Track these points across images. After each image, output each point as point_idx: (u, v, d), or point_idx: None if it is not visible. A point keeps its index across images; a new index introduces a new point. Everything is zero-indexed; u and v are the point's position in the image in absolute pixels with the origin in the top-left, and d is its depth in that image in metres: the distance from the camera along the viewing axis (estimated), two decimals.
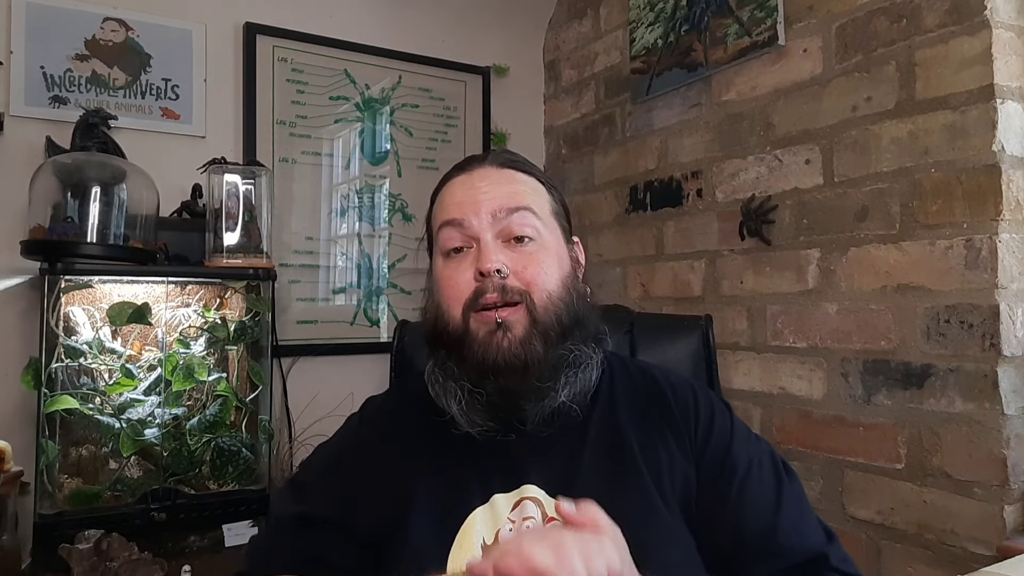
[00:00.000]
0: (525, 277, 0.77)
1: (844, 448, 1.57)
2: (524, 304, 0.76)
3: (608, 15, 2.33)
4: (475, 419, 0.77)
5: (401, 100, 2.32)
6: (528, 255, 0.78)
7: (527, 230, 0.79)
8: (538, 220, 0.80)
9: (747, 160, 1.82)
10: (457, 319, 0.77)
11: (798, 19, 1.69)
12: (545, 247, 0.80)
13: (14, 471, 1.56)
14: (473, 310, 0.76)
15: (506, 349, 0.74)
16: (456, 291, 0.78)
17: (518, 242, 0.79)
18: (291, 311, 2.12)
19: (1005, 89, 1.32)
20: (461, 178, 0.84)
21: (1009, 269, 1.31)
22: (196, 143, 2.01)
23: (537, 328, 0.76)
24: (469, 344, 0.76)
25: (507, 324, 0.75)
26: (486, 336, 0.75)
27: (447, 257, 0.80)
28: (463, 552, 0.73)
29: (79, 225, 1.59)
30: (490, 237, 0.78)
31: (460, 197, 0.81)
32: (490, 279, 0.76)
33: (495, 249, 0.77)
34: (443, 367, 0.80)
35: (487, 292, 0.76)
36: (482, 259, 0.76)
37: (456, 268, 0.79)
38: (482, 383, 0.75)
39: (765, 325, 1.76)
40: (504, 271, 0.76)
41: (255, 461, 1.73)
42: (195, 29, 2.03)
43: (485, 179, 0.82)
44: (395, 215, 2.30)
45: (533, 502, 0.75)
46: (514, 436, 0.77)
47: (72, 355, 1.58)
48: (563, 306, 0.78)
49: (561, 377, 0.77)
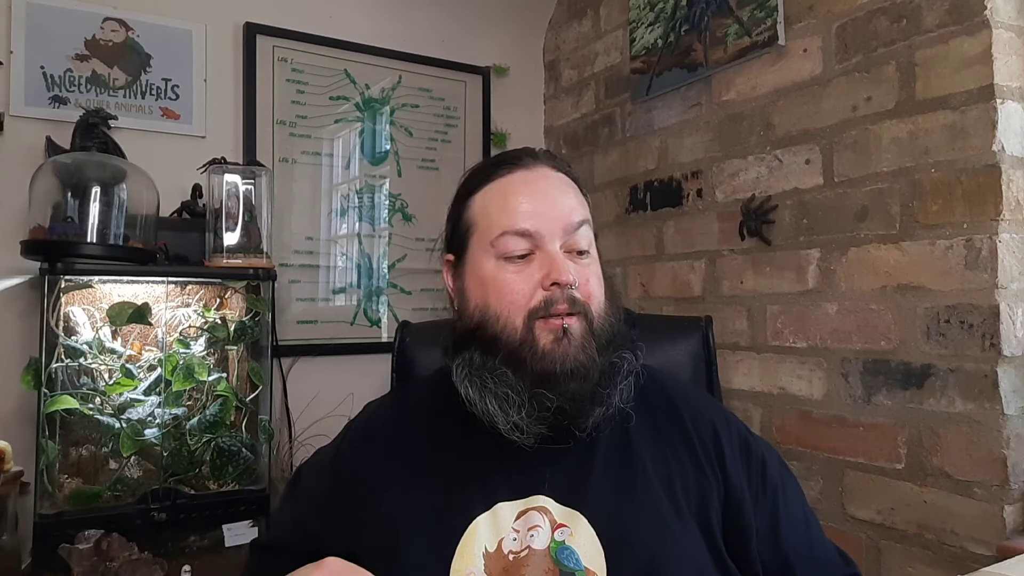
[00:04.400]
0: (587, 290, 0.78)
1: (844, 448, 1.57)
2: (584, 315, 0.77)
3: (608, 15, 2.33)
4: (531, 427, 0.75)
5: (401, 100, 2.32)
6: (587, 268, 0.80)
7: (585, 243, 0.80)
8: (591, 232, 0.82)
9: (747, 160, 1.82)
10: (517, 325, 0.76)
11: (798, 19, 1.69)
12: (596, 260, 0.82)
13: (14, 471, 1.56)
14: (538, 317, 0.76)
15: (572, 356, 0.75)
16: (519, 297, 0.77)
17: (579, 255, 0.80)
18: (291, 311, 2.12)
19: (1005, 89, 1.32)
20: (520, 175, 0.82)
21: (1009, 269, 1.32)
22: (196, 143, 2.01)
23: (594, 337, 0.77)
24: (532, 350, 0.75)
25: (571, 331, 0.76)
26: (551, 343, 0.75)
27: (506, 261, 0.79)
28: (465, 562, 0.72)
29: (79, 225, 1.59)
30: (558, 249, 0.78)
31: (527, 206, 0.79)
32: (562, 290, 0.76)
33: (566, 260, 0.78)
34: (493, 372, 0.77)
35: (557, 302, 0.76)
36: (558, 271, 0.76)
37: (517, 274, 0.78)
38: (551, 390, 0.75)
39: (765, 325, 1.76)
40: (576, 283, 0.77)
41: (255, 461, 1.73)
42: (195, 29, 2.03)
43: (548, 183, 0.81)
44: (395, 215, 2.30)
45: (540, 511, 0.74)
46: (571, 443, 0.77)
47: (72, 355, 1.58)
48: (612, 318, 0.80)
49: (619, 384, 0.77)
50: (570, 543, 0.72)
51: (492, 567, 0.72)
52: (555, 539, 0.73)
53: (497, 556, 0.72)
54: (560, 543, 0.72)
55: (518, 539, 0.73)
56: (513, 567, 0.72)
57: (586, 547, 0.72)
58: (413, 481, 0.79)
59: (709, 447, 0.81)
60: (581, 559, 0.71)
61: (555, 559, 0.72)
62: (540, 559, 0.72)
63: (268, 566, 0.84)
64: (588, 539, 0.72)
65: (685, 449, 0.80)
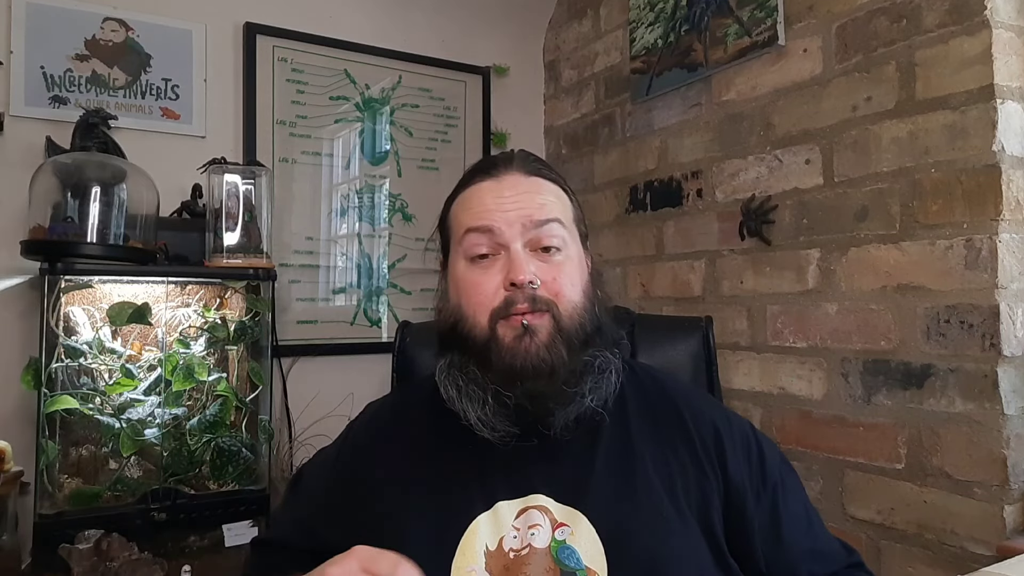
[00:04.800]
0: (553, 288, 0.77)
1: (844, 448, 1.57)
2: (550, 312, 0.76)
3: (608, 15, 2.33)
4: (498, 425, 0.76)
5: (401, 100, 2.32)
6: (556, 266, 0.79)
7: (555, 240, 0.79)
8: (564, 230, 0.81)
9: (747, 160, 1.82)
10: (483, 325, 0.77)
11: (798, 19, 1.69)
12: (570, 257, 0.81)
13: (14, 471, 1.56)
14: (501, 317, 0.76)
15: (533, 353, 0.75)
16: (484, 298, 0.77)
17: (545, 252, 0.79)
18: (291, 311, 2.12)
19: (1005, 89, 1.32)
20: (488, 184, 0.82)
21: (1009, 269, 1.32)
22: (196, 143, 2.01)
23: (561, 335, 0.76)
24: (495, 349, 0.76)
25: (533, 329, 0.75)
26: (512, 341, 0.75)
27: (472, 262, 0.79)
28: (466, 560, 0.72)
29: (79, 225, 1.59)
30: (520, 246, 0.78)
31: (490, 204, 0.80)
32: (521, 290, 0.76)
33: (526, 259, 0.77)
34: (464, 371, 0.79)
35: (517, 302, 0.76)
36: (515, 270, 0.76)
37: (483, 275, 0.78)
38: (510, 388, 0.75)
39: (765, 325, 1.76)
40: (536, 283, 0.76)
41: (255, 461, 1.73)
42: (195, 29, 2.03)
43: (515, 187, 0.81)
44: (395, 215, 2.30)
45: (540, 510, 0.74)
46: (536, 441, 0.77)
47: (72, 355, 1.58)
48: (586, 315, 0.79)
49: (587, 382, 0.77)
50: (571, 542, 0.72)
51: (493, 565, 0.72)
52: (556, 538, 0.73)
53: (498, 554, 0.72)
54: (561, 542, 0.72)
55: (519, 537, 0.73)
56: (514, 565, 0.72)
57: (587, 546, 0.72)
58: (414, 481, 0.79)
59: (710, 446, 0.81)
60: (582, 558, 0.71)
61: (556, 558, 0.72)
62: (541, 558, 0.72)
63: (269, 563, 0.84)
64: (589, 538, 0.72)
65: (686, 448, 0.80)
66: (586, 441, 0.79)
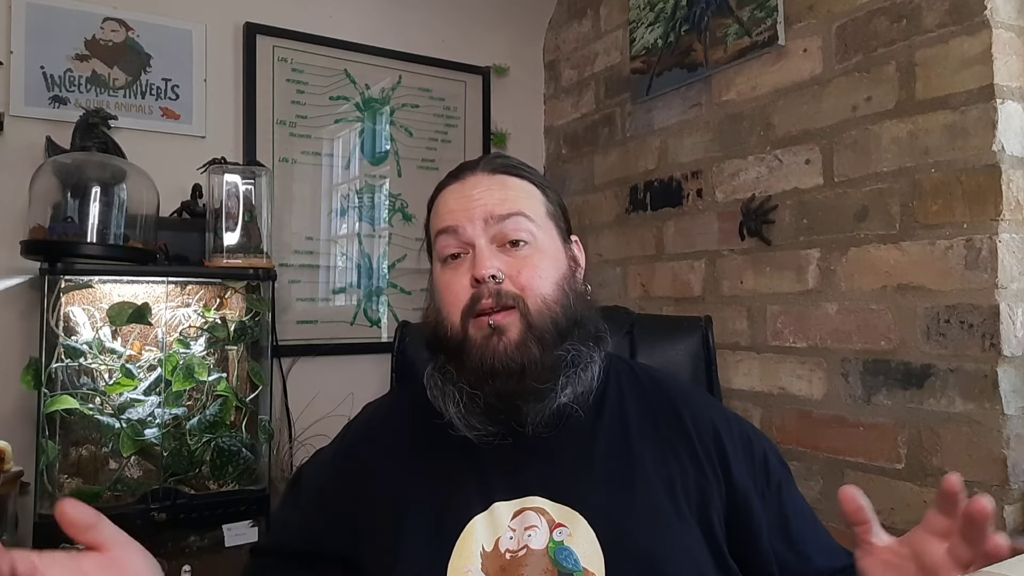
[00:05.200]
0: (520, 282, 0.77)
1: (844, 448, 1.57)
2: (518, 308, 0.76)
3: (608, 15, 2.33)
4: (473, 423, 0.77)
5: (401, 100, 2.32)
6: (522, 259, 0.79)
7: (521, 234, 0.79)
8: (531, 223, 0.81)
9: (747, 160, 1.82)
10: (456, 325, 0.78)
11: (798, 19, 1.69)
12: (540, 250, 0.80)
13: (14, 471, 1.56)
14: (471, 316, 0.77)
15: (502, 353, 0.75)
16: (454, 297, 0.78)
17: (513, 246, 0.79)
18: (291, 311, 2.12)
19: (1005, 89, 1.32)
20: (454, 186, 0.84)
21: (1009, 269, 1.31)
22: (196, 143, 2.01)
23: (532, 332, 0.76)
24: (468, 349, 0.76)
25: (501, 328, 0.75)
26: (483, 341, 0.76)
27: (444, 263, 0.81)
28: (463, 561, 0.72)
29: (79, 225, 1.59)
30: (484, 243, 0.78)
31: (453, 205, 0.82)
32: (485, 285, 0.76)
33: (489, 255, 0.77)
34: (442, 371, 0.80)
35: (482, 298, 0.76)
36: (476, 266, 0.77)
37: (453, 274, 0.80)
38: (480, 386, 0.75)
39: (765, 325, 1.76)
40: (499, 276, 0.76)
41: (255, 461, 1.73)
42: (195, 29, 2.03)
43: (477, 186, 0.82)
44: (395, 215, 2.30)
45: (537, 512, 0.74)
46: (511, 439, 0.77)
47: (72, 355, 1.58)
48: (559, 308, 0.78)
49: (560, 378, 0.76)
50: (568, 543, 0.72)
51: (489, 566, 0.72)
52: (553, 539, 0.73)
53: (494, 555, 0.72)
54: (559, 543, 0.72)
55: (515, 538, 0.73)
56: (511, 566, 0.72)
57: (585, 547, 0.72)
58: (411, 481, 0.79)
59: (710, 447, 0.81)
60: (580, 560, 0.71)
61: (553, 559, 0.71)
62: (538, 559, 0.72)
63: (266, 569, 0.84)
64: (587, 539, 0.72)
65: (685, 448, 0.80)
66: (584, 441, 0.79)
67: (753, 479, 0.80)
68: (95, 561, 0.55)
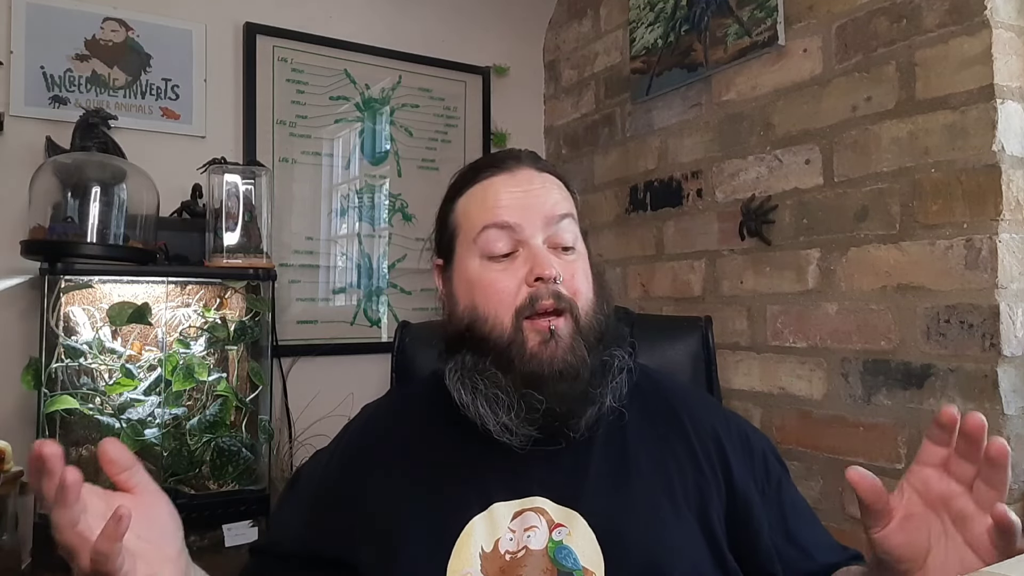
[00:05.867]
0: (573, 286, 0.77)
1: (844, 448, 1.57)
2: (571, 312, 0.76)
3: (608, 15, 2.33)
4: (520, 429, 0.75)
5: (401, 100, 2.31)
6: (572, 264, 0.79)
7: (569, 237, 0.79)
8: (575, 227, 0.81)
9: (747, 160, 1.82)
10: (506, 325, 0.76)
11: (798, 19, 1.69)
12: (583, 256, 0.81)
13: (14, 471, 1.56)
14: (526, 316, 0.75)
15: (560, 358, 0.74)
16: (506, 296, 0.76)
17: (564, 251, 0.79)
18: (291, 311, 2.12)
19: (1005, 89, 1.32)
20: (502, 178, 0.81)
21: (1009, 269, 1.31)
22: (196, 143, 2.01)
23: (582, 335, 0.76)
24: (518, 352, 0.75)
25: (558, 332, 0.75)
26: (538, 346, 0.75)
27: (491, 260, 0.78)
28: (461, 562, 0.72)
29: (79, 225, 1.59)
30: (542, 242, 0.78)
31: (506, 199, 0.79)
32: (547, 285, 0.75)
33: (549, 254, 0.77)
34: (483, 375, 0.77)
35: (542, 298, 0.75)
36: (541, 265, 0.75)
37: (502, 272, 0.77)
38: (539, 390, 0.74)
39: (765, 325, 1.76)
40: (560, 278, 0.76)
41: (255, 461, 1.73)
42: (195, 29, 2.03)
43: (530, 182, 0.81)
44: (395, 215, 2.30)
45: (536, 513, 0.74)
46: (563, 444, 0.77)
47: (72, 355, 1.58)
48: (601, 315, 0.79)
49: (608, 382, 0.77)
50: (568, 543, 0.72)
51: (488, 567, 0.72)
52: (553, 539, 0.72)
53: (493, 556, 0.72)
54: (558, 543, 0.72)
55: (514, 539, 0.73)
56: (510, 567, 0.72)
57: (584, 547, 0.72)
58: (410, 482, 0.79)
59: (709, 447, 0.81)
60: (579, 559, 0.71)
61: (553, 559, 0.71)
62: (538, 559, 0.72)
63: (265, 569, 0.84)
64: (586, 539, 0.72)
65: (683, 448, 0.80)
66: (583, 442, 0.79)
67: (753, 477, 0.80)
68: (126, 501, 0.57)
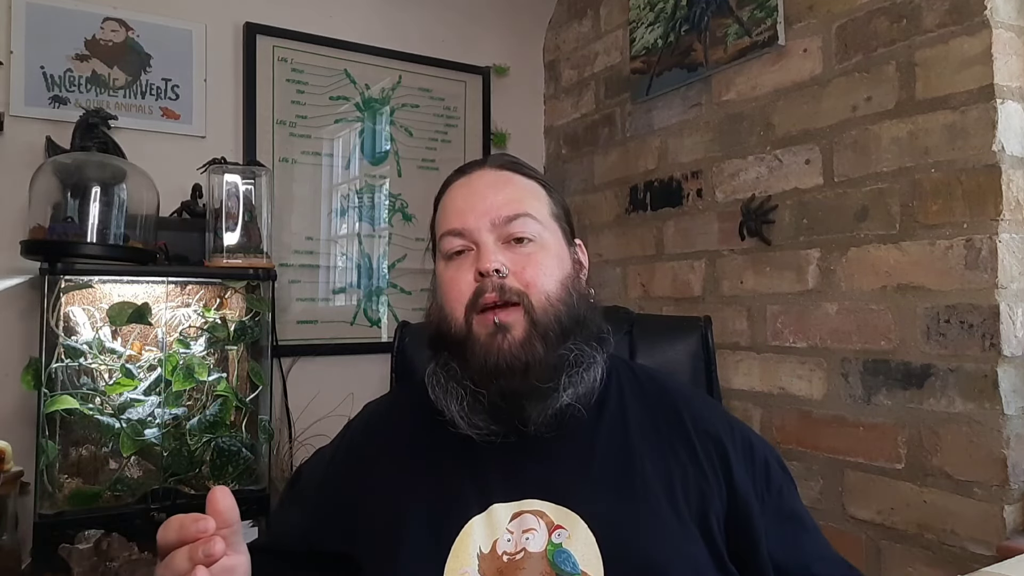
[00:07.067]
0: (524, 278, 0.77)
1: (844, 448, 1.57)
2: (522, 305, 0.76)
3: (608, 15, 2.33)
4: (476, 421, 0.76)
5: (401, 100, 2.32)
6: (527, 256, 0.79)
7: (526, 232, 0.80)
8: (537, 223, 0.81)
9: (747, 160, 1.82)
10: (459, 321, 0.77)
11: (798, 19, 1.69)
12: (544, 248, 0.80)
13: (14, 471, 1.56)
14: (475, 311, 0.76)
15: (506, 351, 0.74)
16: (457, 292, 0.78)
17: (518, 243, 0.79)
18: (291, 311, 2.12)
19: (1005, 89, 1.32)
20: (460, 182, 0.85)
21: (1009, 269, 1.31)
22: (196, 143, 2.01)
23: (536, 329, 0.75)
24: (471, 346, 0.76)
25: (506, 326, 0.75)
26: (487, 339, 0.75)
27: (448, 260, 0.81)
28: (459, 562, 0.72)
29: (79, 225, 1.59)
30: (490, 239, 0.79)
31: (460, 204, 0.82)
32: (489, 279, 0.76)
33: (494, 250, 0.78)
34: (445, 369, 0.79)
35: (486, 292, 0.76)
36: (481, 259, 0.77)
37: (457, 270, 0.80)
38: (485, 385, 0.75)
39: (765, 325, 1.76)
40: (503, 271, 0.76)
41: (255, 461, 1.73)
42: (195, 29, 2.03)
43: (483, 182, 0.82)
44: (395, 215, 2.30)
45: (535, 514, 0.74)
46: (515, 438, 0.77)
47: (72, 355, 1.58)
48: (563, 307, 0.78)
49: (563, 378, 0.76)
50: (567, 546, 0.72)
51: (486, 568, 0.71)
52: (552, 541, 0.72)
53: (491, 557, 0.72)
54: (557, 546, 0.72)
55: (512, 540, 0.73)
56: (508, 568, 0.72)
57: (583, 549, 0.71)
58: (410, 481, 0.79)
59: (711, 450, 0.80)
60: (578, 562, 0.71)
61: (551, 562, 0.71)
62: (536, 562, 0.71)
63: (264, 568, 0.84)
64: (585, 541, 0.72)
65: (685, 450, 0.80)
66: (584, 443, 0.79)
67: (753, 483, 0.80)
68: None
